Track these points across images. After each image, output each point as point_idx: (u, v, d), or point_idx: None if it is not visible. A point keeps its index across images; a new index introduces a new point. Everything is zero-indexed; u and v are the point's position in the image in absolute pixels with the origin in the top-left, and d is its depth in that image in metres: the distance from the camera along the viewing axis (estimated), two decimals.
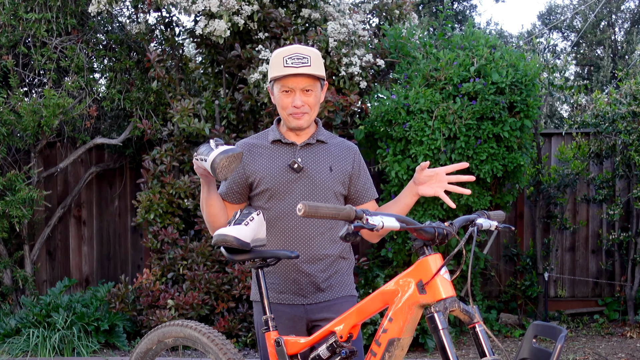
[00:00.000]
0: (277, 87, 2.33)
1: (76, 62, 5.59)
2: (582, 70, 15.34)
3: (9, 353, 5.11)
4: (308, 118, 2.34)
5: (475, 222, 1.94)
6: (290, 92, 2.31)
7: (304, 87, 2.30)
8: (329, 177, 2.37)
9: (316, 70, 2.29)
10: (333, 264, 2.40)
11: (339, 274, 2.42)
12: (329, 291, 2.38)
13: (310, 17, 5.39)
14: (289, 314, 2.38)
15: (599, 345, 5.35)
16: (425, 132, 4.84)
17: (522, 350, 1.98)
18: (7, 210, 5.37)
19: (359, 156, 2.47)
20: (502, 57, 5.05)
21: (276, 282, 2.40)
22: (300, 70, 2.26)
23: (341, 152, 2.42)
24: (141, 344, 2.49)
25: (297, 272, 2.36)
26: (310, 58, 2.28)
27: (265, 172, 2.36)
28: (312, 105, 2.33)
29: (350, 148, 2.46)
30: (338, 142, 2.46)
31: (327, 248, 2.38)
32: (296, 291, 2.37)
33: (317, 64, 2.31)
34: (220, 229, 2.16)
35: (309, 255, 2.35)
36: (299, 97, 2.30)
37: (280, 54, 2.30)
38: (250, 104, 5.37)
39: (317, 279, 2.36)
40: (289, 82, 2.29)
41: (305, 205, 1.77)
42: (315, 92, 2.32)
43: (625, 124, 5.62)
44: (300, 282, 2.36)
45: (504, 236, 6.41)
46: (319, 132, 2.43)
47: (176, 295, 5.09)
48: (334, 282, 2.40)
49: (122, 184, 6.46)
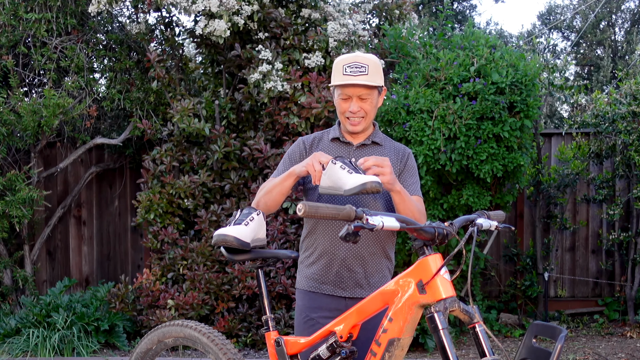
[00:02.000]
0: (337, 92, 2.46)
1: (76, 62, 5.59)
2: (582, 70, 15.34)
3: (9, 353, 5.11)
4: (363, 122, 2.46)
5: (475, 222, 1.94)
6: (348, 98, 2.43)
7: (360, 95, 2.41)
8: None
9: (373, 80, 2.40)
10: (375, 262, 2.47)
11: (380, 273, 2.49)
12: (368, 289, 2.44)
13: (310, 17, 5.39)
14: (330, 304, 2.45)
15: (599, 345, 5.35)
16: (425, 132, 4.84)
17: (522, 350, 1.98)
18: (7, 210, 5.37)
19: (407, 157, 2.56)
20: (502, 57, 5.05)
21: (318, 273, 2.47)
22: (357, 81, 2.37)
23: (394, 155, 2.52)
24: (141, 344, 2.49)
25: (341, 266, 2.44)
26: (368, 67, 2.39)
27: None
28: (368, 111, 2.44)
29: (402, 150, 2.56)
30: (393, 145, 2.58)
31: (371, 246, 2.45)
32: (337, 283, 2.45)
33: (375, 73, 2.41)
34: (220, 229, 2.18)
35: (354, 250, 2.43)
36: (355, 103, 2.42)
37: (341, 62, 2.42)
38: (250, 104, 5.37)
39: (358, 275, 2.44)
40: (347, 90, 2.42)
41: (305, 206, 1.78)
42: (371, 99, 2.43)
43: (625, 124, 5.62)
44: (342, 275, 2.44)
45: (504, 236, 6.41)
46: (375, 134, 2.54)
47: (176, 295, 5.09)
48: (374, 282, 2.47)
49: (122, 184, 6.46)
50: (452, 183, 5.18)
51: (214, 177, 5.44)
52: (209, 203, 5.50)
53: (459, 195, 5.11)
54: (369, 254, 2.45)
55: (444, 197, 5.22)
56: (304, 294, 2.51)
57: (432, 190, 5.11)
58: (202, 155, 5.45)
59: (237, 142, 5.33)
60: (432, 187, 5.09)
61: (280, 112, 5.14)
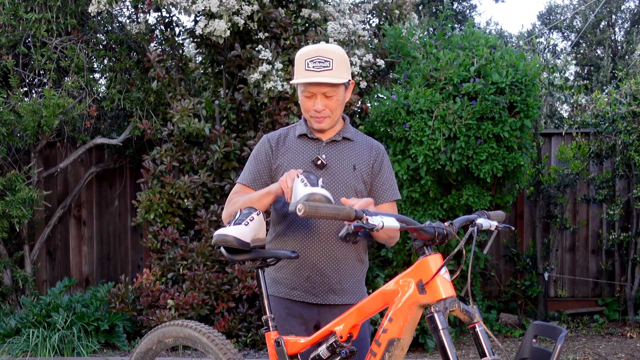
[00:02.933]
0: (300, 88, 2.31)
1: (76, 62, 5.59)
2: (582, 70, 15.34)
3: (9, 353, 5.11)
4: (329, 121, 2.33)
5: (475, 222, 1.94)
6: (311, 96, 2.29)
7: (325, 93, 2.27)
8: (351, 176, 2.35)
9: (338, 76, 2.24)
10: (349, 265, 2.37)
11: (354, 278, 2.39)
12: (341, 294, 2.35)
13: (310, 17, 5.39)
14: (301, 313, 2.36)
15: (599, 345, 5.35)
16: (425, 132, 4.84)
17: (522, 350, 1.98)
18: (7, 210, 5.37)
19: (382, 156, 2.42)
20: (502, 57, 5.05)
21: (289, 278, 2.37)
22: (320, 78, 2.22)
23: (366, 152, 2.40)
24: (141, 344, 2.49)
25: (311, 269, 2.33)
26: (332, 61, 2.23)
27: (289, 165, 2.35)
28: (334, 109, 2.31)
29: (375, 147, 2.43)
30: (364, 141, 2.44)
31: (345, 247, 2.35)
32: (308, 289, 2.34)
33: (340, 67, 2.25)
34: (220, 229, 2.15)
35: (326, 253, 2.33)
36: (319, 101, 2.28)
37: (303, 56, 2.25)
38: (250, 104, 5.37)
39: (330, 279, 2.34)
40: (310, 88, 2.27)
41: (305, 205, 1.77)
42: (337, 97, 2.29)
43: (625, 124, 5.62)
44: (314, 280, 2.34)
45: (504, 236, 6.41)
46: (346, 129, 2.41)
47: (176, 295, 5.09)
48: (347, 286, 2.37)
49: (122, 184, 6.46)
50: (452, 183, 5.18)
51: (214, 177, 5.44)
52: (209, 203, 5.49)
53: (459, 195, 5.11)
54: (343, 256, 2.35)
55: (444, 197, 5.22)
56: (274, 301, 2.36)
57: (432, 190, 5.11)
58: (202, 155, 5.45)
59: (237, 142, 5.33)
60: (432, 187, 5.09)
61: (280, 112, 5.14)
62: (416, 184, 5.08)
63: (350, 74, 2.33)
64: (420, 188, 5.06)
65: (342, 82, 2.27)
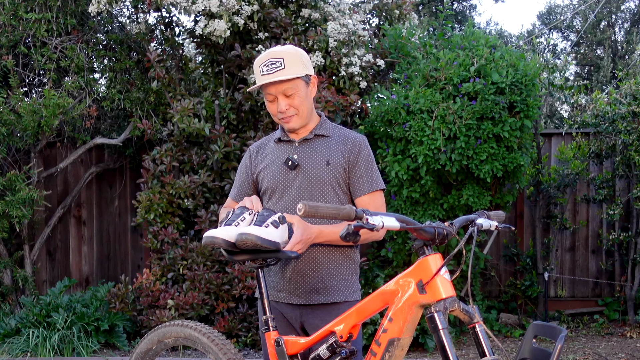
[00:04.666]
0: (264, 95, 2.35)
1: (76, 62, 5.59)
2: (582, 70, 15.34)
3: (9, 353, 5.11)
4: (297, 119, 2.33)
5: (475, 222, 1.94)
6: (274, 99, 2.31)
7: (284, 92, 2.28)
8: (325, 172, 2.33)
9: (291, 72, 2.25)
10: (334, 265, 2.37)
11: (340, 277, 2.38)
12: (325, 293, 2.34)
13: (310, 17, 5.39)
14: (286, 314, 2.39)
15: (599, 345, 5.35)
16: (425, 132, 4.84)
17: (522, 350, 1.98)
18: (7, 210, 5.37)
19: (358, 148, 2.36)
20: (502, 57, 5.05)
21: (275, 280, 2.40)
22: (274, 78, 2.24)
23: (341, 145, 2.36)
24: (141, 344, 2.49)
25: (293, 271, 2.34)
26: (283, 60, 2.25)
27: (266, 171, 2.40)
28: (298, 105, 2.30)
29: (351, 140, 2.38)
30: (342, 135, 2.40)
31: (328, 248, 2.35)
32: (291, 290, 2.35)
33: (293, 64, 2.26)
34: (210, 231, 2.12)
35: (307, 254, 2.33)
36: (282, 102, 2.29)
37: (257, 63, 2.29)
38: (250, 104, 5.37)
39: (313, 280, 2.34)
40: (269, 90, 2.30)
41: (306, 205, 1.76)
42: (297, 93, 2.29)
43: (625, 124, 5.62)
44: (296, 281, 2.34)
45: (504, 236, 6.40)
46: (320, 127, 2.39)
47: (176, 295, 5.09)
48: (332, 285, 2.35)
49: (122, 184, 6.46)
50: (452, 183, 5.18)
51: (214, 177, 5.44)
52: (209, 203, 5.49)
53: (459, 195, 5.11)
54: (322, 256, 2.34)
55: (444, 197, 5.21)
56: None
57: (432, 190, 5.11)
58: (202, 155, 5.45)
59: (237, 142, 5.33)
60: (432, 187, 5.09)
61: None
62: (416, 184, 5.08)
63: (308, 69, 2.32)
64: (420, 188, 5.06)
65: (295, 77, 2.27)
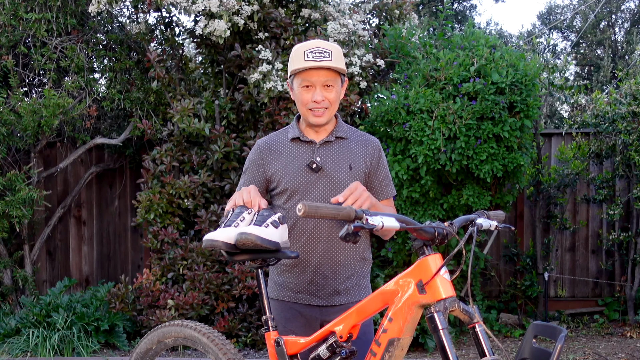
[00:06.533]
0: (297, 81, 2.27)
1: (76, 62, 5.59)
2: (582, 70, 15.34)
3: (9, 353, 5.11)
4: (328, 115, 2.29)
5: (475, 222, 1.94)
6: (310, 87, 2.25)
7: (325, 82, 2.24)
8: (348, 176, 2.32)
9: (338, 64, 2.23)
10: (352, 266, 2.36)
11: (357, 276, 2.38)
12: (345, 294, 2.35)
13: (310, 17, 5.39)
14: (304, 314, 2.36)
15: (599, 345, 5.35)
16: (425, 132, 4.84)
17: (522, 350, 1.98)
18: (7, 210, 5.37)
19: (378, 152, 2.39)
20: (502, 57, 5.05)
21: (293, 282, 2.37)
22: (322, 64, 2.20)
23: (361, 148, 2.36)
24: (141, 344, 2.49)
25: (315, 273, 2.32)
26: (331, 52, 2.22)
27: (284, 171, 2.32)
28: (333, 101, 2.27)
29: (370, 143, 2.39)
30: (359, 137, 2.39)
31: (348, 249, 2.34)
32: (313, 292, 2.34)
33: (339, 59, 2.25)
34: (210, 234, 2.10)
35: (328, 256, 2.32)
36: (319, 92, 2.24)
37: (301, 48, 2.24)
38: (250, 104, 5.37)
39: (335, 282, 2.33)
40: (309, 76, 2.24)
41: (305, 206, 1.76)
42: (336, 88, 2.27)
43: (625, 124, 5.62)
44: (318, 283, 2.33)
45: (504, 236, 6.40)
46: (339, 128, 2.37)
47: (176, 295, 5.09)
48: (351, 285, 2.36)
49: (122, 184, 6.46)
50: (452, 183, 5.18)
51: (214, 177, 5.44)
52: (209, 203, 5.50)
53: (459, 195, 5.11)
54: (345, 258, 2.33)
55: (444, 197, 5.21)
56: (278, 304, 2.37)
57: (432, 190, 5.11)
58: (202, 155, 5.45)
59: (237, 142, 5.33)
60: (432, 187, 5.09)
61: (280, 112, 5.14)
62: (416, 184, 5.08)
63: (345, 69, 2.32)
64: (420, 188, 5.06)
65: (342, 70, 2.26)
